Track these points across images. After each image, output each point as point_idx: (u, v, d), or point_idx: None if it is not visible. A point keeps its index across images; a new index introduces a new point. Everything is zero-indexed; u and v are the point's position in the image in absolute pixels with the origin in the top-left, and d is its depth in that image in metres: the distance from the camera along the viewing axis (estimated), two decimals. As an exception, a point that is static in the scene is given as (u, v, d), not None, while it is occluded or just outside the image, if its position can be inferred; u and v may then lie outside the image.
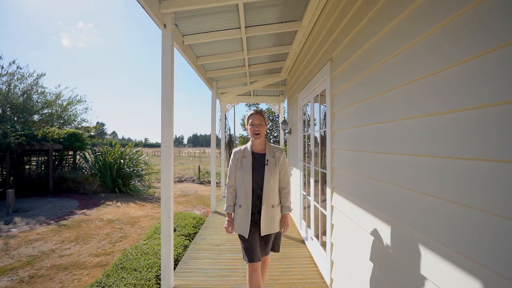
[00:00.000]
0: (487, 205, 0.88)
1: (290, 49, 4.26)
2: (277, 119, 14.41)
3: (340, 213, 2.30)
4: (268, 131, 14.71)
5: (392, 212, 1.47)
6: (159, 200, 8.09)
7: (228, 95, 7.11)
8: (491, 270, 0.85)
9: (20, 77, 12.65)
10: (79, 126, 14.30)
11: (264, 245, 2.09)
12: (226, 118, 9.49)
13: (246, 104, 15.95)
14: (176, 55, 3.04)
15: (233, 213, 2.12)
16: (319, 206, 3.15)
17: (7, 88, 12.19)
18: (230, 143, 12.09)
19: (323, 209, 2.95)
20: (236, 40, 3.77)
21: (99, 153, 9.59)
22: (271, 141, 14.70)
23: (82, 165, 10.73)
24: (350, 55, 2.10)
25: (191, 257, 3.36)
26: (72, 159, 10.79)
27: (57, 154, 10.22)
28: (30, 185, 8.89)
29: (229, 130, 11.74)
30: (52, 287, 3.11)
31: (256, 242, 2.01)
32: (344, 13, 2.25)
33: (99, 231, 5.10)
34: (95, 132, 13.82)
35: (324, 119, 2.94)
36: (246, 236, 1.97)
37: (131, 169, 9.53)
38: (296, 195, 4.64)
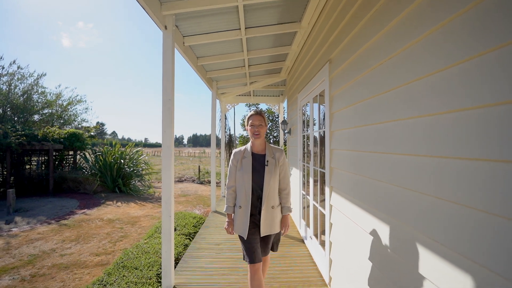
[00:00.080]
0: (487, 205, 0.88)
1: (290, 50, 4.27)
2: (277, 119, 14.40)
3: (339, 212, 2.31)
4: (268, 131, 14.70)
5: (392, 212, 1.47)
6: (159, 200, 8.09)
7: (228, 95, 7.11)
8: (491, 270, 0.85)
9: (21, 77, 12.67)
10: (79, 126, 14.32)
11: (265, 246, 2.09)
12: (226, 118, 9.50)
13: (246, 104, 15.92)
14: (177, 56, 3.05)
15: (233, 214, 2.12)
16: (318, 206, 3.16)
17: (8, 88, 12.21)
18: (230, 143, 12.10)
19: (322, 209, 2.95)
20: (236, 41, 3.77)
21: (99, 153, 9.60)
22: (271, 141, 14.70)
23: (83, 165, 10.74)
24: (350, 56, 2.10)
25: (192, 256, 3.37)
26: (73, 159, 10.80)
27: (58, 154, 10.23)
28: (31, 185, 8.90)
29: (229, 130, 11.75)
30: (54, 286, 3.12)
31: (257, 243, 2.01)
32: (344, 14, 2.25)
33: (100, 231, 5.11)
34: (95, 132, 13.81)
35: (324, 120, 2.94)
36: (245, 237, 1.98)
37: (131, 169, 9.53)
38: (296, 195, 4.64)
